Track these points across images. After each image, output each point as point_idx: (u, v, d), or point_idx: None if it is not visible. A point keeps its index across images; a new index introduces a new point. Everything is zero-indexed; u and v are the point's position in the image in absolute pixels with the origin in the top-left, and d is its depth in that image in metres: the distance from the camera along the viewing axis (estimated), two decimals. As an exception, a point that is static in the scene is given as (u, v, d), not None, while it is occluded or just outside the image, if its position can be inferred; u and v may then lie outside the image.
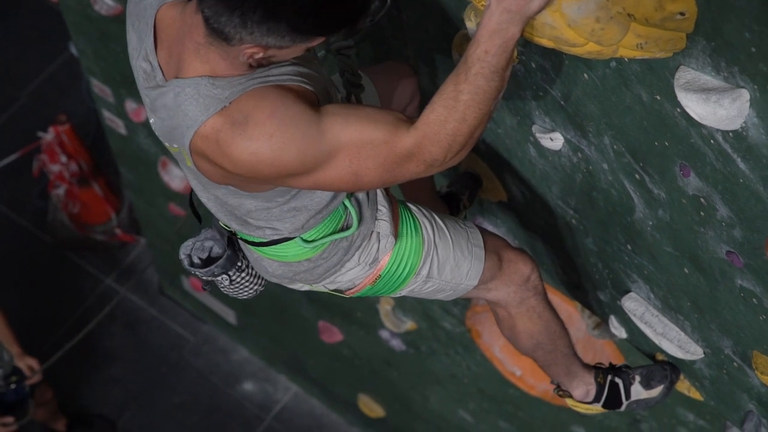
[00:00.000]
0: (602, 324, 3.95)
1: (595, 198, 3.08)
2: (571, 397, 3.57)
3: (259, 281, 3.15)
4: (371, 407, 7.07)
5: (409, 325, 5.79)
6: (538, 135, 3.04)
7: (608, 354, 4.50)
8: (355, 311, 6.05)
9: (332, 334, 6.61)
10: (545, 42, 2.35)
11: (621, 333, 3.64)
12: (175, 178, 6.36)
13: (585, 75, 2.66)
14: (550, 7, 2.28)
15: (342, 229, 2.91)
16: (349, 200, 2.87)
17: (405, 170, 2.51)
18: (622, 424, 4.81)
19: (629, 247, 3.10)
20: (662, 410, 4.23)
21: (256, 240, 2.92)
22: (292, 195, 2.74)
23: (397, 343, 6.05)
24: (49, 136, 7.34)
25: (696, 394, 3.65)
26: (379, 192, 2.98)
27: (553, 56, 2.73)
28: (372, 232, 2.97)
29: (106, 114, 6.36)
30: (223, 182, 2.65)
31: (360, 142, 2.47)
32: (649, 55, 2.29)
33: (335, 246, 2.94)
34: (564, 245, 3.52)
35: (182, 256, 3.05)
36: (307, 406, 7.57)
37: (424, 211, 3.10)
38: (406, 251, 3.02)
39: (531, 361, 3.49)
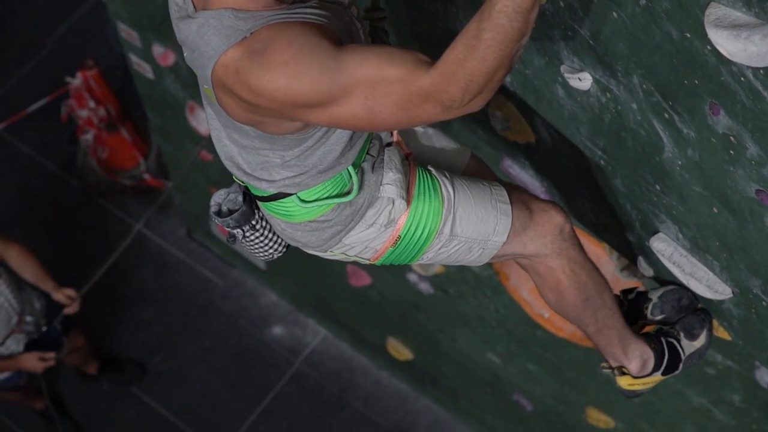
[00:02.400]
0: (631, 265, 3.95)
1: (623, 138, 3.06)
2: (627, 374, 3.46)
3: (275, 246, 3.18)
4: (399, 350, 7.11)
5: (436, 268, 5.81)
6: (566, 75, 3.03)
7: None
8: (383, 254, 6.07)
9: (360, 278, 6.63)
10: (574, -21, 2.34)
11: (649, 273, 3.64)
12: (202, 122, 6.37)
13: (614, 13, 2.64)
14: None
15: (343, 195, 2.94)
16: (354, 167, 2.90)
17: (422, 111, 2.50)
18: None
19: (658, 187, 3.09)
20: (690, 351, 4.23)
21: (259, 193, 2.98)
22: (307, 147, 2.78)
23: (425, 286, 6.07)
24: (77, 81, 7.35)
25: (724, 334, 3.65)
26: (388, 159, 3.00)
27: (581, -6, 2.72)
28: (380, 197, 3.00)
29: (134, 58, 6.37)
30: (243, 119, 2.68)
31: (376, 78, 2.48)
32: (679, -8, 2.28)
33: (338, 212, 2.97)
34: (592, 186, 3.51)
35: (212, 203, 3.10)
36: (336, 349, 7.62)
37: (444, 171, 3.12)
38: (424, 210, 3.04)
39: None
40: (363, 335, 7.35)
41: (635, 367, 3.45)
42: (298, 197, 2.92)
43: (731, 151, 2.61)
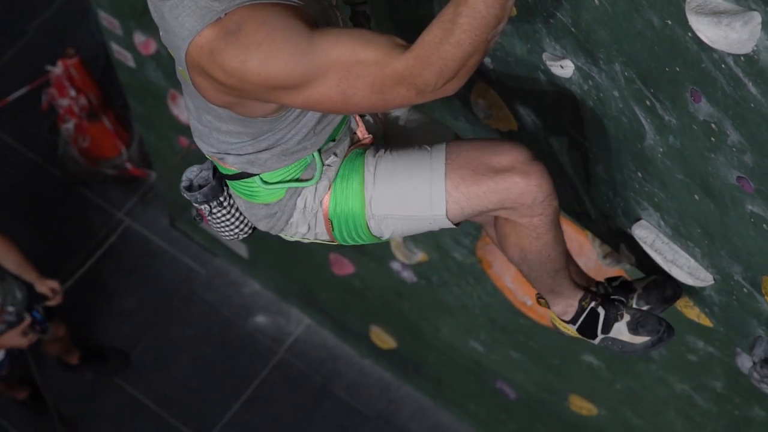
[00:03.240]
0: (613, 252, 3.96)
1: (605, 126, 3.07)
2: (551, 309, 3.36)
3: (241, 226, 3.18)
4: (383, 339, 7.11)
5: (420, 256, 5.81)
6: (548, 63, 3.03)
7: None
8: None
9: (343, 267, 6.63)
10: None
11: (631, 261, 3.64)
12: (184, 111, 6.35)
13: (596, 0, 2.64)
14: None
15: (301, 180, 2.95)
16: (319, 153, 2.91)
17: (395, 94, 2.51)
18: (632, 353, 4.83)
19: (640, 174, 3.10)
20: (672, 338, 4.24)
21: (225, 171, 3.00)
22: (278, 129, 2.80)
23: (408, 275, 6.08)
24: (57, 69, 7.32)
25: (706, 321, 3.66)
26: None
27: (563, -18, 2.72)
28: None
29: (115, 47, 6.34)
30: (218, 101, 2.68)
31: (350, 60, 2.48)
32: (660, -21, 2.28)
33: (291, 196, 2.99)
34: (574, 174, 3.52)
35: (184, 178, 3.11)
36: (319, 338, 7.62)
37: (381, 148, 3.04)
38: (344, 191, 3.01)
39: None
40: (346, 324, 7.36)
41: (557, 311, 3.32)
42: (261, 178, 2.94)
43: (712, 138, 2.62)
